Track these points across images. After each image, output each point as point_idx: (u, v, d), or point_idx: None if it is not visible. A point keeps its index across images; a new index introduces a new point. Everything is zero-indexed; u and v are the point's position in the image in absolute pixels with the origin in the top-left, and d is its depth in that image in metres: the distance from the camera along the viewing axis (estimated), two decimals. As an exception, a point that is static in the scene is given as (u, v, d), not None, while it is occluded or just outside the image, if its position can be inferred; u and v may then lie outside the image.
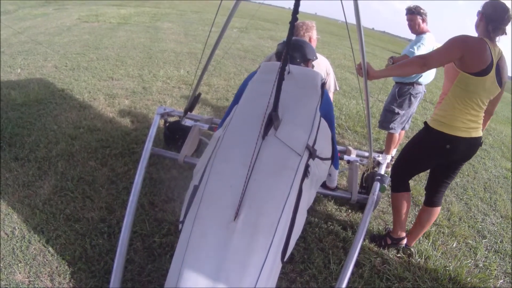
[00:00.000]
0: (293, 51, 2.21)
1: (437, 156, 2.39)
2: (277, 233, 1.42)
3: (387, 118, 3.87)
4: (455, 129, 2.22)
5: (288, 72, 2.02)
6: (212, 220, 1.44)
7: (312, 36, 2.96)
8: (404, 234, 2.67)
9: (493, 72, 2.10)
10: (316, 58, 2.41)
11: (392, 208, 2.71)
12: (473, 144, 2.31)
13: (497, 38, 2.15)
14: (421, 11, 3.58)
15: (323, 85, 2.08)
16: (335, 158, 2.31)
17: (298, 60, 2.22)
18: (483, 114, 2.29)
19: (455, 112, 2.22)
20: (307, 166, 1.67)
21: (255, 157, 1.52)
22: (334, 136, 2.18)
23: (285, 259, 1.50)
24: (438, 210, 2.62)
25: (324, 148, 1.93)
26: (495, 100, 2.31)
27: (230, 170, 1.57)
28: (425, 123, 2.41)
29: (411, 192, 3.55)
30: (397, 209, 2.63)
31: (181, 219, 1.60)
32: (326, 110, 2.05)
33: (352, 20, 2.18)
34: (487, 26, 2.12)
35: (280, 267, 1.50)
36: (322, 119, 1.94)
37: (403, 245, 2.68)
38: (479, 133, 2.29)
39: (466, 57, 2.09)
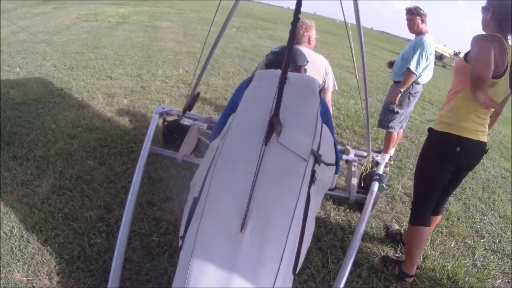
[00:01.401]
0: (283, 61, 2.17)
1: (448, 161, 2.19)
2: (288, 242, 1.32)
3: (387, 117, 3.88)
4: (463, 130, 2.09)
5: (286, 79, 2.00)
6: (216, 232, 1.34)
7: (312, 35, 2.97)
8: (413, 272, 2.41)
9: (507, 74, 1.98)
10: (307, 62, 2.38)
11: (406, 240, 2.52)
12: (481, 149, 2.17)
13: (509, 36, 2.00)
14: (421, 11, 3.60)
15: (320, 90, 2.07)
16: (337, 164, 2.28)
17: (289, 69, 2.17)
18: (489, 118, 2.17)
19: (462, 113, 2.09)
20: (313, 172, 1.58)
21: (259, 163, 1.44)
22: (335, 141, 2.14)
23: (296, 271, 1.39)
24: (439, 218, 2.58)
25: (328, 153, 1.87)
26: (503, 101, 2.19)
27: (232, 179, 1.48)
28: (429, 129, 2.28)
29: (410, 192, 3.57)
30: (410, 243, 2.40)
31: (181, 234, 1.49)
32: (325, 116, 2.01)
33: (350, 19, 2.18)
34: (500, 24, 1.97)
35: (292, 281, 1.39)
36: (323, 124, 1.89)
37: (408, 282, 2.43)
38: (485, 138, 2.16)
39: None
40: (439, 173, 2.24)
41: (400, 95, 3.70)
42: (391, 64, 4.01)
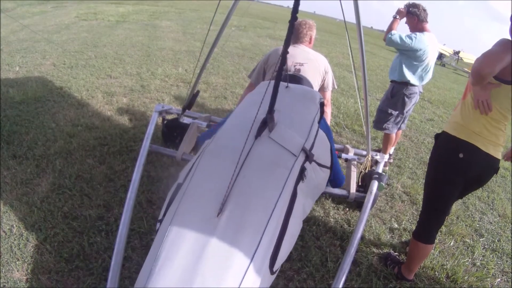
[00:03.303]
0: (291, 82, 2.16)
1: (453, 172, 2.00)
2: (266, 233, 1.28)
3: (380, 118, 3.83)
4: (472, 134, 1.91)
5: (286, 86, 2.01)
6: (193, 216, 1.32)
7: (313, 35, 2.99)
8: (411, 278, 2.37)
9: None
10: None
11: (408, 251, 2.41)
12: (490, 165, 1.97)
13: None
14: (411, 9, 3.50)
15: (322, 104, 2.05)
16: (339, 179, 2.21)
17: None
18: (503, 132, 1.96)
19: (475, 114, 1.91)
20: (303, 169, 1.57)
21: (245, 153, 1.44)
22: (337, 162, 2.05)
23: (274, 269, 1.34)
24: None
25: (322, 154, 1.84)
26: None
27: (217, 167, 1.47)
28: (436, 135, 2.17)
29: (409, 191, 3.58)
30: (411, 254, 2.31)
31: (160, 217, 1.49)
32: (324, 129, 1.99)
33: (350, 19, 2.18)
34: None
35: (269, 277, 1.35)
36: (320, 130, 1.87)
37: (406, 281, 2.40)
38: (497, 153, 1.95)
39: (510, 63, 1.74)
40: (446, 188, 2.07)
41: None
42: None
